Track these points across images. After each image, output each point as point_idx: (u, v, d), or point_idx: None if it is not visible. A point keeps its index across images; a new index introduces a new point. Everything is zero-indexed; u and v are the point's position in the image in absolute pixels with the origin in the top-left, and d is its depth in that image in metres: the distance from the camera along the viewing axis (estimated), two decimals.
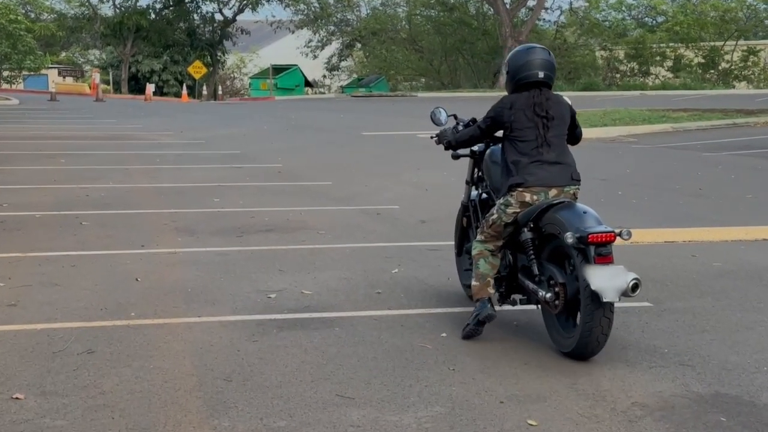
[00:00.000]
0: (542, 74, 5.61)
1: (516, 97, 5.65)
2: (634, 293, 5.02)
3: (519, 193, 5.50)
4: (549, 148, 5.55)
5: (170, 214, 10.21)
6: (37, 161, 15.23)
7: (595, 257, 5.03)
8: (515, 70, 5.68)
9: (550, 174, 5.52)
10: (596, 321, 5.03)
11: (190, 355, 5.21)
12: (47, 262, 7.60)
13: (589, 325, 5.04)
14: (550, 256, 5.46)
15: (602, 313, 5.04)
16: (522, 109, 5.57)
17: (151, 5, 62.43)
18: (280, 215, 10.16)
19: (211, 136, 21.29)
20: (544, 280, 5.41)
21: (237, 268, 7.51)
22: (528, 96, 5.60)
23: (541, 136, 5.54)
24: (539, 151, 5.53)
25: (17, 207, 10.47)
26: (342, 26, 66.28)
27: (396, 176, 13.98)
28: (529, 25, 49.45)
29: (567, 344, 5.25)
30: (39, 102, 38.18)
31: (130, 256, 7.90)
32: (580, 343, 5.11)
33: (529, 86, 5.64)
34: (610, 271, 5.00)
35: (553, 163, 5.55)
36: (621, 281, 4.98)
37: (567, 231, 5.11)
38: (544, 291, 5.35)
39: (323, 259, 7.91)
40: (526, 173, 5.49)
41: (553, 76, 5.69)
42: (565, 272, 5.31)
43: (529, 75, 5.61)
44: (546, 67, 5.63)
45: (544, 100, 5.59)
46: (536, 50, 5.71)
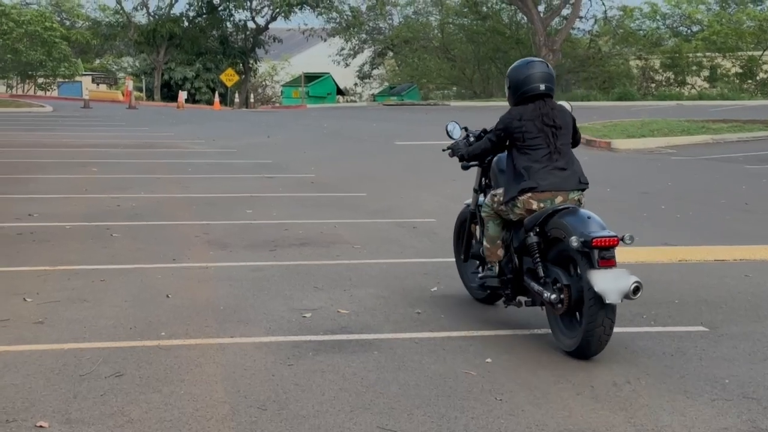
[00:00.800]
0: (543, 86, 5.96)
1: (523, 110, 5.95)
2: (636, 296, 5.22)
3: (527, 200, 5.79)
4: (559, 155, 5.86)
5: (202, 225, 9.99)
6: (69, 170, 15.09)
7: (599, 260, 5.25)
8: (517, 84, 6.02)
9: (560, 179, 5.82)
10: (599, 322, 5.25)
11: (223, 379, 4.96)
12: (76, 277, 7.38)
13: (592, 326, 5.25)
14: (555, 259, 5.68)
15: (605, 314, 5.25)
16: (531, 120, 5.88)
17: (185, 13, 62.58)
18: (314, 228, 9.91)
19: (242, 144, 21.12)
20: (549, 282, 5.63)
21: (271, 284, 7.26)
22: (534, 107, 5.92)
23: (552, 144, 5.85)
24: (551, 158, 5.84)
25: (48, 217, 10.29)
26: (374, 34, 66.10)
27: (432, 187, 13.70)
28: (563, 34, 48.99)
29: (570, 344, 5.45)
30: (72, 109, 38.26)
31: (161, 271, 7.68)
32: (582, 342, 5.33)
33: (533, 98, 5.96)
34: (613, 274, 5.22)
35: (562, 169, 5.85)
36: (624, 284, 5.19)
37: (572, 235, 5.33)
38: (549, 292, 5.56)
39: (359, 276, 7.64)
40: (539, 178, 5.78)
41: (553, 87, 6.03)
42: (569, 275, 5.52)
43: (532, 88, 5.95)
44: (546, 79, 5.99)
45: (549, 110, 5.93)
46: (536, 64, 6.08)
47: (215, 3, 61.67)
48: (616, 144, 20.75)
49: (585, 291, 5.28)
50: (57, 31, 67.30)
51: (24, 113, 34.33)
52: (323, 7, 59.40)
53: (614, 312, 5.29)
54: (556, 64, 47.81)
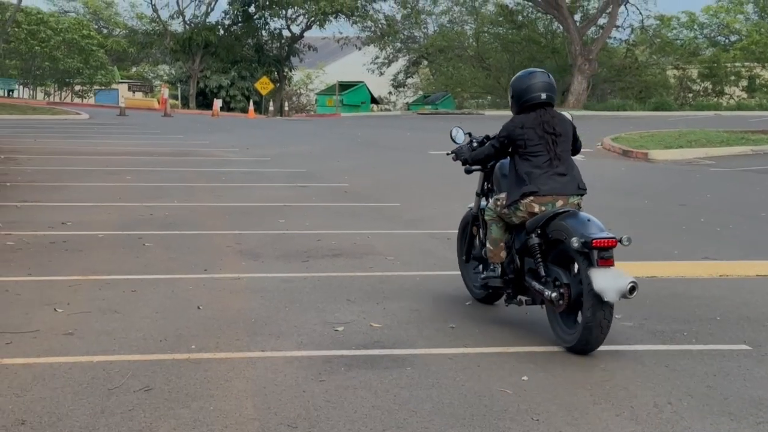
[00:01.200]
0: (545, 95, 6.25)
1: (525, 118, 6.25)
2: (632, 295, 5.49)
3: (529, 203, 6.10)
4: (559, 161, 6.13)
5: (234, 235, 9.93)
6: (104, 178, 15.12)
7: (598, 260, 5.54)
8: (519, 94, 6.32)
9: (560, 184, 6.10)
10: (597, 319, 5.53)
11: (253, 395, 4.86)
12: (108, 287, 7.33)
13: (591, 323, 5.53)
14: (555, 259, 5.97)
15: (603, 311, 5.54)
16: (532, 127, 6.18)
17: (220, 21, 62.93)
18: (347, 239, 9.81)
19: (276, 153, 21.10)
20: (549, 281, 5.93)
21: (303, 296, 7.16)
22: (536, 116, 6.21)
23: (552, 151, 6.14)
24: (551, 164, 6.13)
25: (81, 226, 10.28)
26: (409, 43, 66.07)
27: (466, 198, 13.46)
28: (599, 44, 48.65)
29: (569, 339, 5.75)
30: (108, 117, 38.51)
31: (193, 281, 7.61)
32: (581, 338, 5.62)
33: (534, 107, 6.26)
34: (611, 273, 5.52)
35: (562, 175, 6.13)
36: (622, 283, 5.47)
37: (573, 236, 5.62)
38: (549, 291, 5.86)
39: (392, 288, 7.53)
40: (540, 183, 6.07)
41: (554, 96, 6.32)
42: (569, 274, 5.82)
43: (533, 97, 6.25)
44: (547, 88, 6.28)
45: (550, 118, 6.22)
46: (537, 74, 6.37)
47: (251, 11, 61.96)
48: (653, 155, 20.50)
49: (584, 289, 5.57)
50: (94, 39, 67.96)
51: (60, 120, 34.60)
52: (358, 16, 59.50)
53: (612, 309, 5.58)
54: (592, 74, 47.51)
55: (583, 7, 53.33)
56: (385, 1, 61.16)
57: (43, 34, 63.73)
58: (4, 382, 4.98)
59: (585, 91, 46.94)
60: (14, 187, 13.47)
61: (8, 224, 10.20)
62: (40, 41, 63.94)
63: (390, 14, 61.79)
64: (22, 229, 9.87)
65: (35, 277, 7.62)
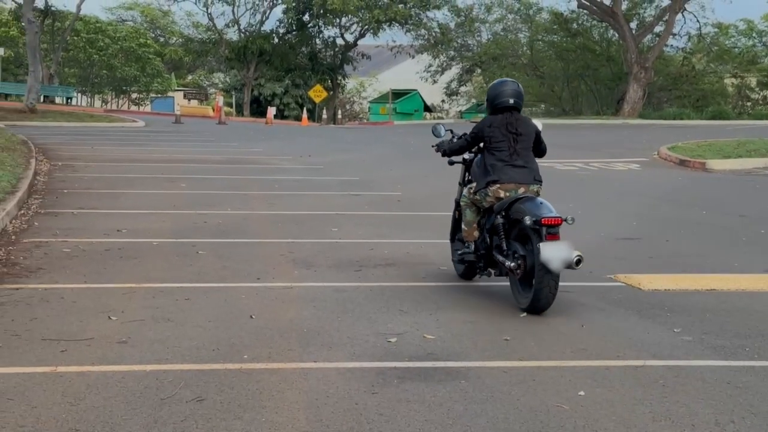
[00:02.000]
0: (512, 101, 7.48)
1: (493, 118, 7.52)
2: (578, 267, 6.72)
3: (495, 190, 7.34)
4: (518, 156, 7.36)
5: (287, 244, 9.92)
6: (159, 185, 15.25)
7: (546, 235, 6.72)
8: (492, 98, 7.57)
9: (518, 174, 7.32)
10: (545, 284, 6.68)
11: (305, 407, 4.81)
12: (161, 295, 7.35)
13: (540, 287, 6.68)
14: (515, 236, 7.16)
15: (550, 278, 6.68)
16: (498, 127, 7.42)
17: (275, 30, 63.34)
18: (400, 248, 9.75)
19: (329, 161, 21.12)
20: (510, 253, 7.14)
21: (355, 306, 7.12)
22: (503, 117, 7.45)
23: (512, 147, 7.35)
24: (512, 158, 7.35)
25: (136, 233, 10.36)
26: (462, 51, 65.90)
27: None
28: (655, 52, 48.06)
29: (524, 302, 6.91)
30: (164, 124, 38.93)
31: (246, 290, 7.60)
32: (533, 300, 6.77)
33: (503, 110, 7.48)
34: (557, 246, 6.65)
35: (521, 167, 7.35)
36: (566, 255, 6.62)
37: (526, 216, 6.81)
38: (510, 261, 7.06)
39: (446, 299, 7.45)
40: (501, 173, 7.32)
41: (521, 102, 7.51)
42: (526, 248, 6.98)
43: (503, 102, 7.49)
44: (515, 95, 7.49)
45: (514, 120, 7.43)
46: (508, 83, 7.68)
47: (305, 20, 62.28)
48: (711, 164, 20.16)
49: (536, 259, 6.69)
50: (151, 47, 68.84)
51: (117, 128, 35.05)
52: (412, 24, 59.48)
53: (558, 277, 6.74)
54: (648, 82, 46.96)
55: (639, 15, 52.77)
56: (439, 9, 60.74)
57: (101, 42, 64.71)
58: (58, 390, 4.99)
59: (641, 100, 46.37)
60: (71, 194, 13.63)
61: (65, 231, 10.31)
62: (98, 50, 64.93)
63: (444, 22, 61.69)
64: (79, 236, 9.97)
65: (90, 285, 7.68)
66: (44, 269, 8.23)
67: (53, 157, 19.52)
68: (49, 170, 16.93)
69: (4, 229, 10.05)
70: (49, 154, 20.38)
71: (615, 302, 7.41)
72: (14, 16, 56.39)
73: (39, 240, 9.70)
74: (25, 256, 8.78)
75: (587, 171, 19.33)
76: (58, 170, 17.04)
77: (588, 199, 14.54)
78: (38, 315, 6.61)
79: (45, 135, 27.34)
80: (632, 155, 23.35)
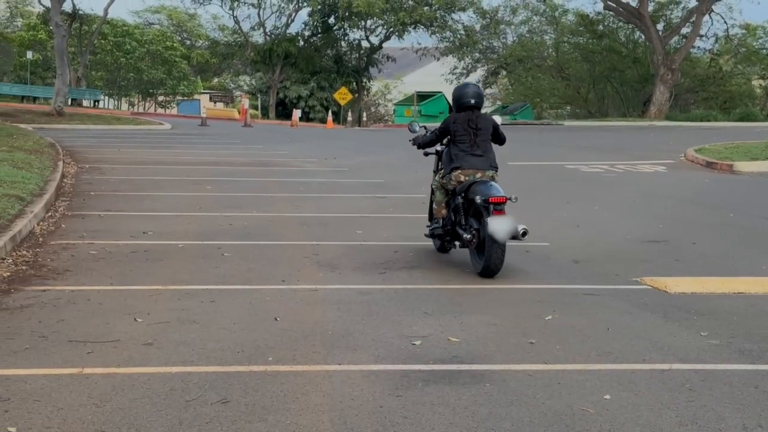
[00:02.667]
0: (473, 101, 9.02)
1: (457, 116, 9.03)
2: (524, 238, 8.26)
3: (457, 174, 8.78)
4: (477, 147, 8.83)
5: (312, 246, 9.94)
6: (184, 188, 15.33)
7: (493, 211, 8.19)
8: (456, 99, 9.11)
9: (477, 162, 8.77)
10: (495, 253, 8.14)
11: (329, 410, 4.82)
12: (187, 297, 7.39)
13: (489, 254, 8.15)
14: (473, 214, 8.60)
15: (497, 247, 8.12)
16: (461, 122, 8.91)
17: (300, 32, 63.56)
18: (425, 250, 9.75)
19: (354, 163, 21.16)
20: (468, 227, 8.60)
21: (380, 309, 7.12)
22: (464, 115, 8.96)
23: (472, 139, 8.83)
24: (471, 148, 8.81)
25: (162, 236, 10.41)
26: (487, 53, 65.83)
27: (545, 210, 13.41)
28: (682, 53, 47.77)
29: (479, 267, 8.37)
30: (190, 127, 39.15)
31: (270, 292, 7.62)
32: (484, 266, 8.24)
33: (465, 108, 9.00)
34: (502, 220, 8.13)
35: (479, 156, 8.81)
36: (510, 227, 8.10)
37: (477, 195, 8.34)
38: (467, 234, 8.50)
39: (470, 301, 7.44)
40: (462, 161, 8.78)
41: (480, 102, 9.11)
42: (479, 223, 8.44)
43: (465, 102, 9.03)
44: (475, 96, 9.07)
45: (474, 117, 8.94)
46: (470, 86, 9.31)
47: (330, 23, 62.43)
48: (738, 166, 20.00)
49: (486, 232, 8.11)
50: (177, 50, 69.28)
51: (143, 131, 35.29)
52: (437, 26, 59.48)
53: (504, 246, 8.15)
54: (675, 84, 46.68)
55: (665, 17, 52.48)
56: (465, 12, 60.71)
57: (128, 45, 65.19)
58: (84, 391, 5.02)
59: (667, 102, 46.10)
60: (98, 197, 13.73)
61: (91, 233, 10.39)
62: (125, 53, 65.41)
63: (469, 24, 61.64)
64: (105, 239, 10.04)
65: (116, 287, 7.72)
66: (71, 271, 8.29)
67: (80, 160, 19.69)
68: (76, 173, 17.06)
69: (31, 232, 10.14)
70: (76, 156, 20.55)
71: (641, 305, 7.37)
72: (42, 19, 56.92)
73: (66, 242, 9.78)
74: (52, 258, 8.85)
75: (612, 173, 19.24)
76: (85, 173, 17.18)
77: (613, 201, 14.47)
78: (65, 317, 6.66)
79: (72, 138, 27.56)
80: (658, 157, 23.22)
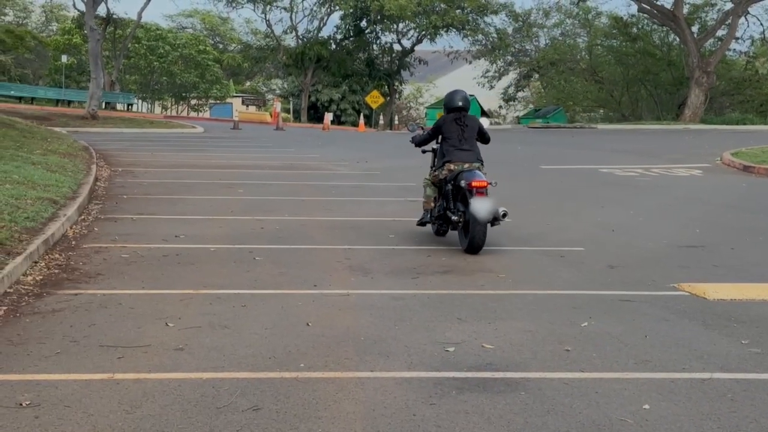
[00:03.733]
0: (460, 103, 10.47)
1: (447, 116, 10.43)
2: (504, 218, 9.65)
3: (448, 166, 10.06)
4: (465, 142, 10.20)
5: (344, 250, 9.88)
6: (217, 191, 15.33)
7: (476, 194, 9.53)
8: (447, 102, 10.62)
9: (464, 155, 10.12)
10: (477, 231, 9.46)
11: (362, 418, 4.74)
12: (218, 301, 7.34)
13: (473, 233, 9.47)
14: (460, 198, 9.88)
15: (480, 226, 9.42)
16: (450, 122, 10.30)
17: (332, 36, 63.66)
18: (458, 255, 9.65)
19: (386, 166, 21.09)
20: (456, 211, 9.88)
21: (413, 314, 7.03)
22: (453, 115, 10.37)
23: (460, 135, 10.21)
24: (459, 143, 10.18)
25: (194, 239, 10.39)
26: (520, 56, 65.58)
27: (578, 214, 13.26)
28: (717, 56, 47.29)
29: (464, 245, 9.68)
30: (222, 130, 39.29)
31: (302, 297, 7.56)
32: (469, 243, 9.54)
33: (455, 110, 10.43)
34: (483, 201, 9.43)
35: (466, 150, 10.17)
36: (490, 207, 9.40)
37: (461, 180, 9.74)
38: (455, 217, 9.79)
39: (505, 307, 7.33)
40: (452, 155, 10.11)
41: (467, 104, 10.54)
42: (465, 206, 9.66)
43: (454, 104, 10.49)
44: (463, 100, 10.52)
45: (462, 117, 10.35)
46: (458, 92, 10.72)
47: (362, 26, 62.47)
48: None
49: (470, 213, 9.40)
50: (210, 54, 69.61)
51: (176, 134, 35.45)
52: (469, 29, 59.33)
53: (486, 225, 9.46)
54: (710, 87, 46.19)
55: (700, 19, 51.97)
56: (497, 15, 60.51)
57: (162, 49, 65.59)
58: (114, 397, 4.98)
59: (702, 105, 45.60)
60: (131, 200, 13.76)
61: (123, 236, 10.39)
62: (159, 57, 65.81)
63: (501, 27, 61.44)
64: (137, 242, 10.03)
65: (148, 291, 7.69)
66: (103, 275, 8.28)
67: (113, 163, 19.77)
68: (109, 176, 17.13)
69: (64, 235, 10.15)
70: (109, 159, 20.64)
71: (679, 312, 7.23)
72: (77, 24, 57.38)
73: (98, 245, 9.78)
74: (84, 262, 8.84)
75: (647, 177, 19.02)
76: (118, 176, 17.24)
77: (649, 205, 14.29)
78: (96, 321, 6.63)
79: (106, 141, 27.73)
80: (694, 161, 22.97)
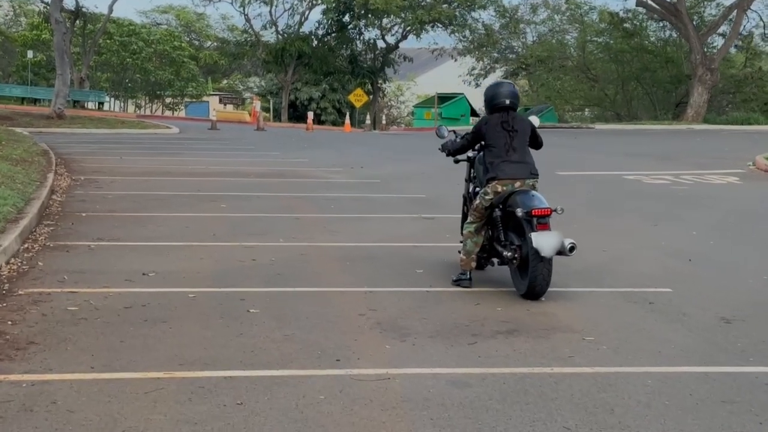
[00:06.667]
0: (508, 101, 7.91)
1: (490, 117, 7.98)
2: (572, 253, 7.27)
3: (493, 185, 7.71)
4: (514, 152, 7.74)
5: (364, 295, 7.52)
6: (194, 206, 12.88)
7: (537, 225, 7.29)
8: (489, 99, 8.00)
9: (514, 169, 7.70)
10: (539, 271, 7.20)
11: None
12: (200, 394, 4.95)
13: (534, 274, 7.21)
14: (512, 228, 7.63)
15: (543, 265, 7.20)
16: (494, 125, 7.87)
17: (314, 32, 61.21)
18: (515, 302, 7.33)
19: (385, 173, 18.70)
20: (507, 243, 7.64)
21: (491, 416, 4.68)
22: (498, 116, 7.90)
23: (507, 143, 7.75)
24: (507, 154, 7.73)
25: (167, 279, 7.98)
26: (506, 53, 63.40)
27: (632, 235, 11.00)
28: (722, 52, 45.20)
29: (522, 288, 7.41)
30: (199, 131, 36.72)
31: (323, 383, 5.19)
32: (529, 287, 7.29)
33: (500, 109, 7.91)
34: (547, 235, 7.20)
35: (517, 162, 7.73)
36: (556, 242, 7.15)
37: (518, 207, 7.37)
38: (507, 251, 7.55)
39: (623, 403, 4.99)
40: (498, 170, 7.69)
41: (517, 102, 8.00)
42: (521, 238, 7.45)
43: (499, 102, 7.93)
44: (511, 96, 7.95)
45: (510, 119, 7.86)
46: (504, 84, 8.33)
47: (345, 21, 60.09)
48: None
49: (529, 248, 7.14)
50: (185, 50, 67.02)
51: (150, 135, 32.86)
52: (456, 25, 57.09)
53: (550, 263, 7.21)
54: (714, 84, 44.11)
55: (699, 14, 49.90)
56: (485, 9, 58.30)
57: (135, 45, 62.97)
58: None
59: (705, 104, 43.43)
60: (90, 220, 11.31)
61: (75, 276, 7.97)
62: (132, 53, 63.19)
63: (488, 23, 59.25)
64: (92, 285, 7.61)
65: (99, 374, 5.29)
66: (37, 344, 5.87)
67: (75, 170, 17.26)
68: (68, 186, 14.65)
69: None
70: (71, 166, 18.12)
71: None
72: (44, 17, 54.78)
73: (39, 290, 7.34)
74: (14, 320, 6.42)
75: (682, 185, 16.79)
76: (79, 186, 14.76)
77: (707, 222, 12.05)
78: None
79: (71, 143, 25.19)
80: (722, 165, 20.75)
